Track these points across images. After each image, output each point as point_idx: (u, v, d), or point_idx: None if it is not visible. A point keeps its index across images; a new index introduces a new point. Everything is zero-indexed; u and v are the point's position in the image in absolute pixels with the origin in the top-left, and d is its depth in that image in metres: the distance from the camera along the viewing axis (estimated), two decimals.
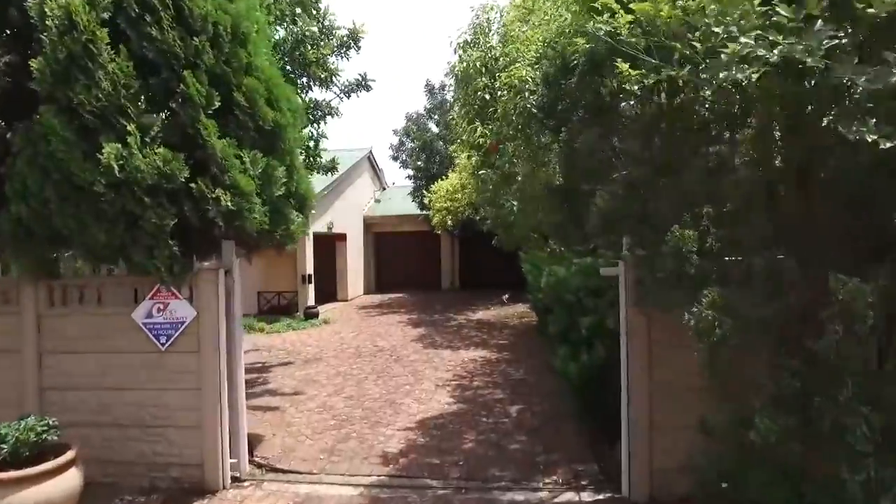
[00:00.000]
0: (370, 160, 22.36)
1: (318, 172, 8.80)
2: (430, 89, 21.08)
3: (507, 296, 15.33)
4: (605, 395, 4.90)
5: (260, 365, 8.92)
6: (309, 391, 7.19)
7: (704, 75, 1.89)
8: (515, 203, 4.74)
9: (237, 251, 5.05)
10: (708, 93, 2.25)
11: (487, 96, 7.10)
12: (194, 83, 4.03)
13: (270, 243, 4.96)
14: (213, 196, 4.06)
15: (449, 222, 17.26)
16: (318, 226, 15.39)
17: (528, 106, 4.05)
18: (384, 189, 24.69)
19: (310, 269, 14.31)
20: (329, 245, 17.85)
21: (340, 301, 17.79)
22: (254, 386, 7.50)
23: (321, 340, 11.02)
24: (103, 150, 3.71)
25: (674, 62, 2.13)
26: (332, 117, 7.44)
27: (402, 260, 21.45)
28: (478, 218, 15.98)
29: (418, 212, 19.51)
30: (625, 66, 2.21)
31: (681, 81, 2.26)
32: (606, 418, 5.00)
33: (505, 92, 5.50)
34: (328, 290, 17.87)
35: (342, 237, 17.91)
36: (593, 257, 5.78)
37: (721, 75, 1.80)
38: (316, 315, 13.70)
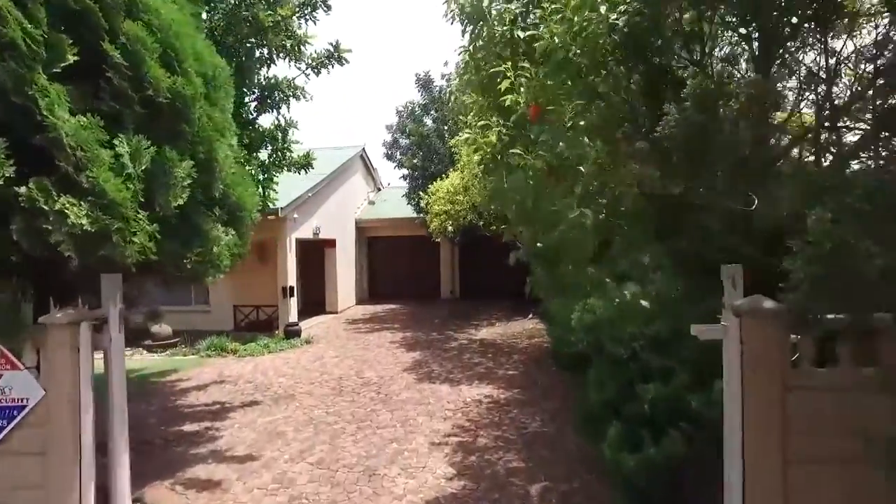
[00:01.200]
0: (363, 159, 20.75)
1: (288, 170, 7.26)
2: (423, 84, 19.32)
3: (531, 315, 13.95)
4: (680, 497, 3.31)
5: (218, 406, 7.32)
6: (267, 452, 5.60)
7: None
8: (589, 214, 2.78)
9: (142, 283, 3.51)
10: None
11: (520, 32, 4.46)
12: (19, 22, 2.45)
13: (179, 274, 3.36)
14: (56, 209, 2.48)
15: (449, 228, 15.43)
16: (303, 231, 13.79)
17: (601, 31, 2.17)
18: (379, 190, 23.06)
19: (291, 282, 12.68)
20: (317, 252, 16.29)
21: (329, 313, 16.18)
22: (198, 443, 5.90)
23: (298, 368, 9.42)
24: None
25: None
26: (298, 99, 5.81)
27: (399, 267, 19.89)
28: (482, 223, 14.22)
29: (416, 215, 17.82)
30: None
31: None
32: None
33: (552, 18, 2.98)
34: (316, 300, 16.31)
35: (331, 243, 16.31)
36: (641, 286, 4.20)
37: None
38: (298, 333, 12.10)
